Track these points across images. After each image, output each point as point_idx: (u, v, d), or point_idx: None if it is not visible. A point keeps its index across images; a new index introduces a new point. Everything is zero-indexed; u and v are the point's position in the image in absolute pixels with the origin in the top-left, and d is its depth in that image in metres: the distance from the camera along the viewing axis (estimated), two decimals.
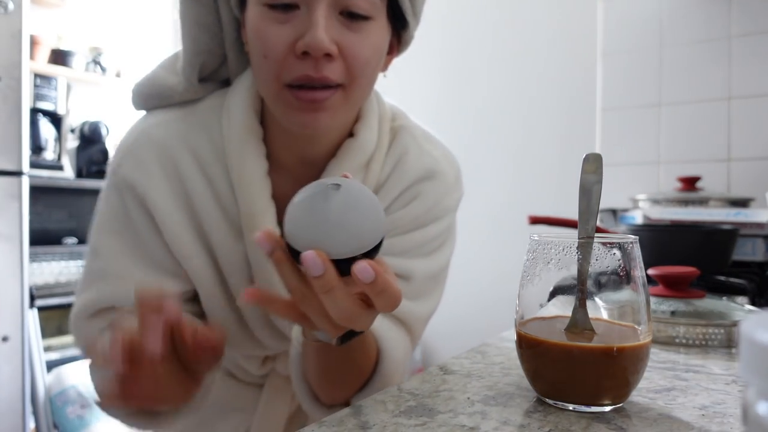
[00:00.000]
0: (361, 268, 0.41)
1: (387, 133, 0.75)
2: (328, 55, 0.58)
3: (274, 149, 0.70)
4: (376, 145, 0.72)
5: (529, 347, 0.44)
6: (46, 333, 2.24)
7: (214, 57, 0.71)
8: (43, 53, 2.60)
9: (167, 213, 0.66)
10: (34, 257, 2.31)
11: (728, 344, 0.63)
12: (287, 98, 0.61)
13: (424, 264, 0.73)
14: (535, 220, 1.22)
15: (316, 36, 0.56)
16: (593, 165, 0.46)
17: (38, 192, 2.27)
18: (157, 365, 0.45)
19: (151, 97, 0.72)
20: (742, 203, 1.33)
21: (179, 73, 0.71)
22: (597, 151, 0.75)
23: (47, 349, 2.28)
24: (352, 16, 0.60)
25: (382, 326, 0.67)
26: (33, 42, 2.50)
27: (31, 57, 2.44)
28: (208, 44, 0.70)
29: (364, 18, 0.60)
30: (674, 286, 0.70)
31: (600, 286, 0.44)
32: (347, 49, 0.59)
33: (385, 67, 0.70)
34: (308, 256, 0.41)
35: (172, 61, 0.75)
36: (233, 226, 0.68)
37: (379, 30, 0.62)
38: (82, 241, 2.51)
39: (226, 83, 0.75)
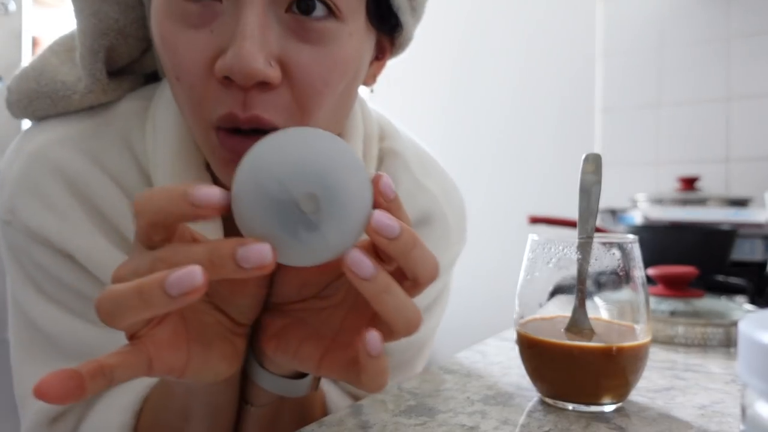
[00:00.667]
0: (379, 218, 0.29)
1: (375, 158, 0.56)
2: (265, 83, 0.38)
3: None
4: None
5: (529, 347, 0.44)
6: None
7: (130, 41, 0.50)
8: None
9: (109, 265, 0.46)
10: None
11: (727, 344, 0.63)
12: (213, 143, 0.41)
13: None
14: (535, 220, 1.22)
15: (242, 55, 0.36)
16: (593, 165, 0.46)
17: None
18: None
19: (39, 97, 0.49)
20: (740, 203, 1.34)
21: (77, 62, 0.49)
22: (596, 151, 0.74)
23: None
24: (306, 15, 0.39)
25: (338, 399, 0.53)
26: (34, 42, 2.50)
27: (32, 57, 2.44)
28: (119, 21, 0.48)
29: (328, 19, 0.39)
30: (673, 286, 0.71)
31: (599, 286, 0.44)
32: (297, 70, 0.39)
33: (371, 79, 0.50)
34: (354, 257, 0.29)
35: (66, 44, 0.52)
36: None
37: (352, 37, 0.41)
38: None
39: (154, 77, 0.54)
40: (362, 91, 0.51)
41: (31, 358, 0.48)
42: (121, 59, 0.51)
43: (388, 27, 0.46)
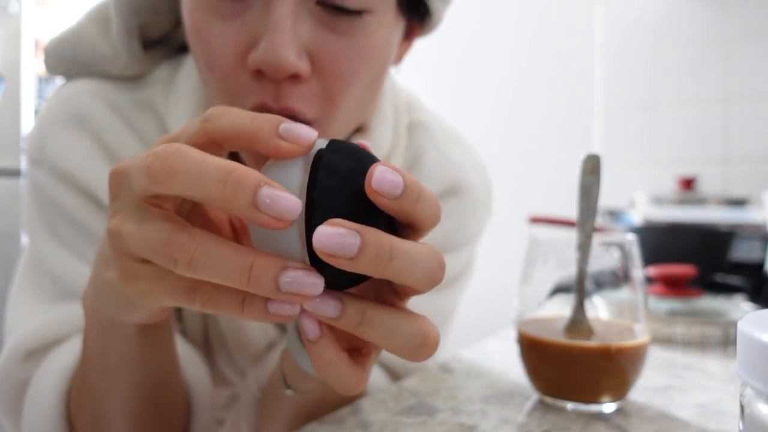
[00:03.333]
0: (380, 175, 0.24)
1: (404, 128, 0.56)
2: (296, 75, 0.39)
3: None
4: (391, 144, 0.54)
5: (529, 346, 0.45)
6: None
7: (162, 16, 0.51)
8: None
9: None
10: None
11: (725, 343, 0.63)
12: None
13: (430, 301, 0.54)
14: (535, 220, 1.22)
15: (274, 50, 0.37)
16: (592, 165, 0.46)
17: None
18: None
19: (77, 65, 0.51)
20: (739, 203, 1.34)
21: (113, 38, 0.50)
22: (596, 151, 0.74)
23: None
24: (337, 10, 0.39)
25: (375, 374, 0.52)
26: (36, 44, 2.50)
27: (34, 58, 2.44)
28: None
29: (357, 13, 0.39)
30: (672, 286, 0.71)
31: (599, 286, 0.44)
32: (326, 62, 0.39)
33: (398, 59, 0.50)
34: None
35: (104, 11, 0.52)
36: None
37: (381, 28, 0.41)
38: None
39: (187, 48, 0.54)
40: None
41: (32, 293, 0.48)
42: (155, 33, 0.52)
43: (417, 14, 0.46)
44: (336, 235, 0.22)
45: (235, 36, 0.39)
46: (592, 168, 0.46)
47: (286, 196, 0.22)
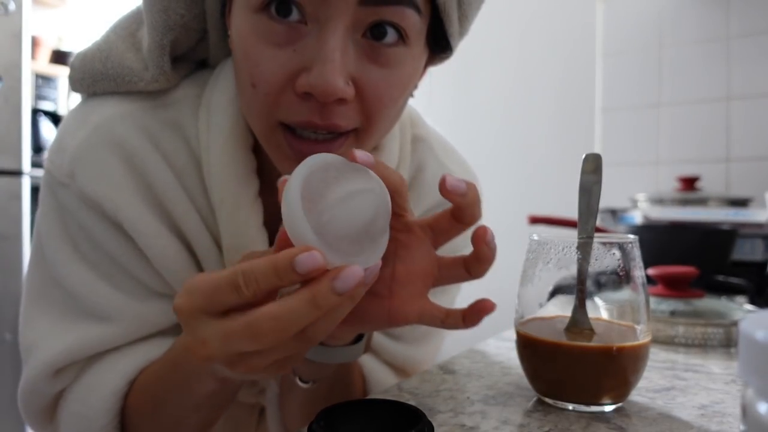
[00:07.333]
0: (452, 182, 0.37)
1: (408, 142, 0.62)
2: (341, 99, 0.43)
3: (267, 162, 0.52)
4: (399, 157, 0.59)
5: (529, 347, 0.44)
6: None
7: (190, 32, 0.53)
8: (44, 54, 2.60)
9: (152, 235, 0.50)
10: None
11: (727, 344, 0.63)
12: (280, 141, 0.46)
13: (439, 300, 0.56)
14: (535, 220, 1.22)
15: (326, 77, 0.41)
16: (593, 165, 0.46)
17: (39, 192, 2.26)
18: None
19: (105, 79, 0.53)
20: (741, 203, 1.34)
21: (144, 53, 0.53)
22: (597, 151, 0.74)
23: None
24: (379, 41, 0.44)
25: (372, 367, 0.59)
26: (34, 42, 2.50)
27: (33, 57, 2.45)
28: (184, 16, 0.52)
29: (397, 44, 0.44)
30: (673, 286, 0.71)
31: (600, 286, 0.44)
32: (368, 89, 0.44)
33: (415, 87, 0.54)
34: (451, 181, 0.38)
35: (129, 27, 0.56)
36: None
37: (413, 60, 0.47)
38: None
39: (203, 64, 0.58)
40: None
41: (51, 312, 0.51)
42: (180, 49, 0.54)
43: (439, 49, 0.51)
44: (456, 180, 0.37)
45: (286, 61, 0.43)
46: (593, 167, 0.46)
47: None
